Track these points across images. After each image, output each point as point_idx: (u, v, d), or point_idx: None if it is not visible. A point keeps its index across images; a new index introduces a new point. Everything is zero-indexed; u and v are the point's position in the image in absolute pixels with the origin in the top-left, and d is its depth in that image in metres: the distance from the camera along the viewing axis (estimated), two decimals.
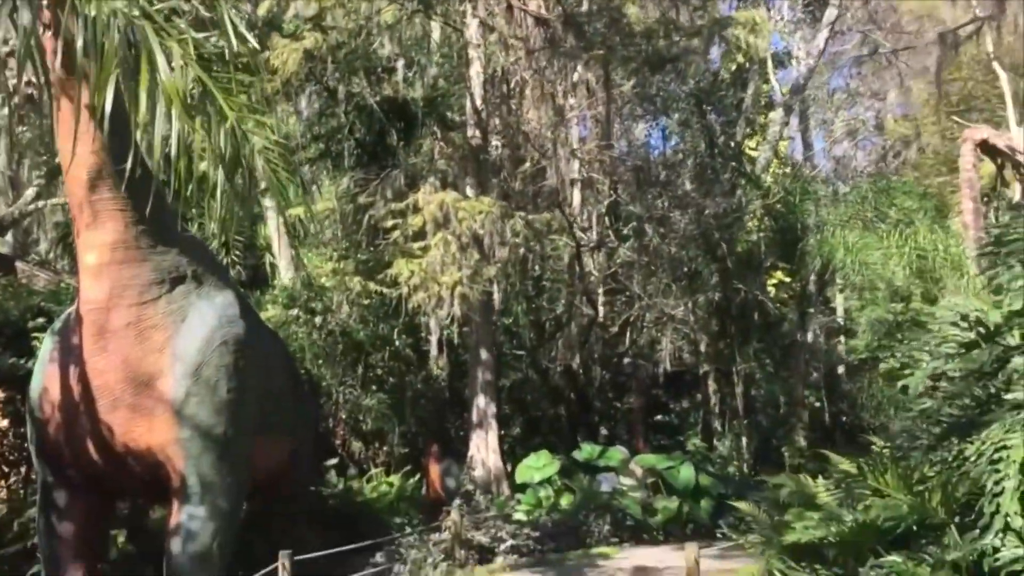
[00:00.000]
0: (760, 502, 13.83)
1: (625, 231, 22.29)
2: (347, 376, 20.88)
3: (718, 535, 12.73)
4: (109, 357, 11.34)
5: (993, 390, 9.46)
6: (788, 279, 27.99)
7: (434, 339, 16.40)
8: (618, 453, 18.69)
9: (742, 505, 11.55)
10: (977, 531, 7.54)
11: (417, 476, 20.77)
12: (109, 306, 11.31)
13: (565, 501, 17.02)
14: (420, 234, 16.03)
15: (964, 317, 8.61)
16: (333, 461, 19.55)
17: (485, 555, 14.78)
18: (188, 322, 12.12)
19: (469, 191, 17.14)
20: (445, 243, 15.31)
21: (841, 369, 27.93)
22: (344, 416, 21.50)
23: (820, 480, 13.04)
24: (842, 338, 30.59)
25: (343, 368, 20.47)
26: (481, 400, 18.14)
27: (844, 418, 24.97)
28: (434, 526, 15.40)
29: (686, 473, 17.81)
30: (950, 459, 8.50)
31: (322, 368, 20.51)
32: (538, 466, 17.73)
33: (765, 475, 24.48)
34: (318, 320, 21.08)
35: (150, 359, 11.83)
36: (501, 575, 13.82)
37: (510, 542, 14.99)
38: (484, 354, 18.12)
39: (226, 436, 11.77)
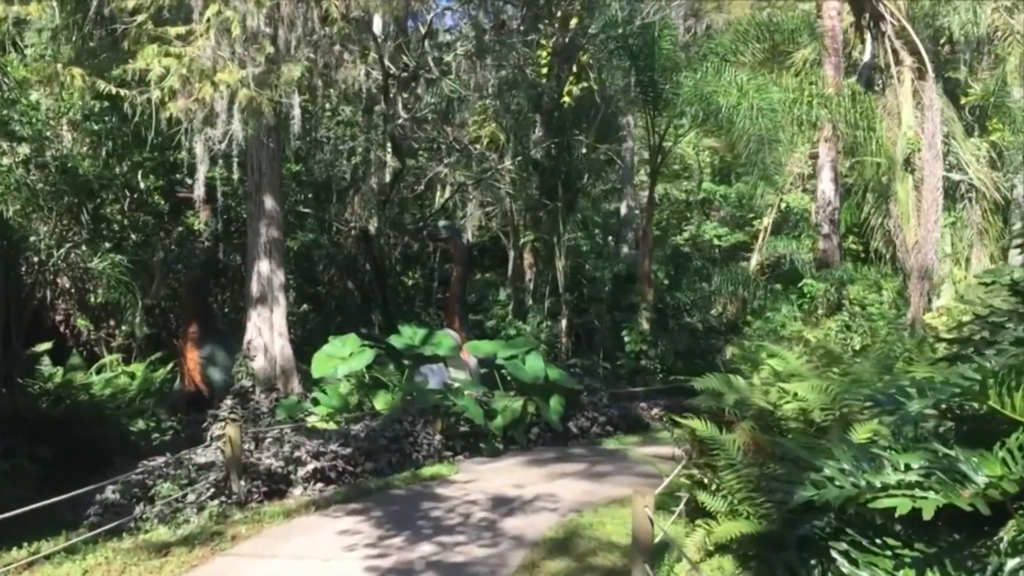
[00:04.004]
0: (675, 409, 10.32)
1: (448, 58, 17.55)
2: (68, 229, 15.12)
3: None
4: None
5: None
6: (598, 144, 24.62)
7: (200, 175, 11.15)
8: (448, 338, 14.54)
9: (696, 424, 7.70)
10: None
11: (169, 365, 15.67)
12: None
13: (380, 403, 12.73)
14: (180, 12, 10.64)
15: None
16: (46, 345, 14.08)
17: (276, 485, 10.27)
18: None
19: None
20: (221, 26, 10.05)
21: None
22: (66, 284, 15.80)
23: (771, 385, 9.51)
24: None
25: (61, 216, 14.69)
26: (264, 265, 13.21)
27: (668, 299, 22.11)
28: (201, 447, 10.60)
29: (533, 364, 14.04)
30: None
31: (30, 216, 14.62)
32: (342, 355, 13.24)
33: (581, 359, 21.61)
34: (25, 150, 15.04)
35: None
36: (303, 517, 9.41)
37: (311, 465, 10.54)
38: (270, 202, 13.09)
39: None
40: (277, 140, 12.77)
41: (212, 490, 9.66)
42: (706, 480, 8.13)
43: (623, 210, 29.65)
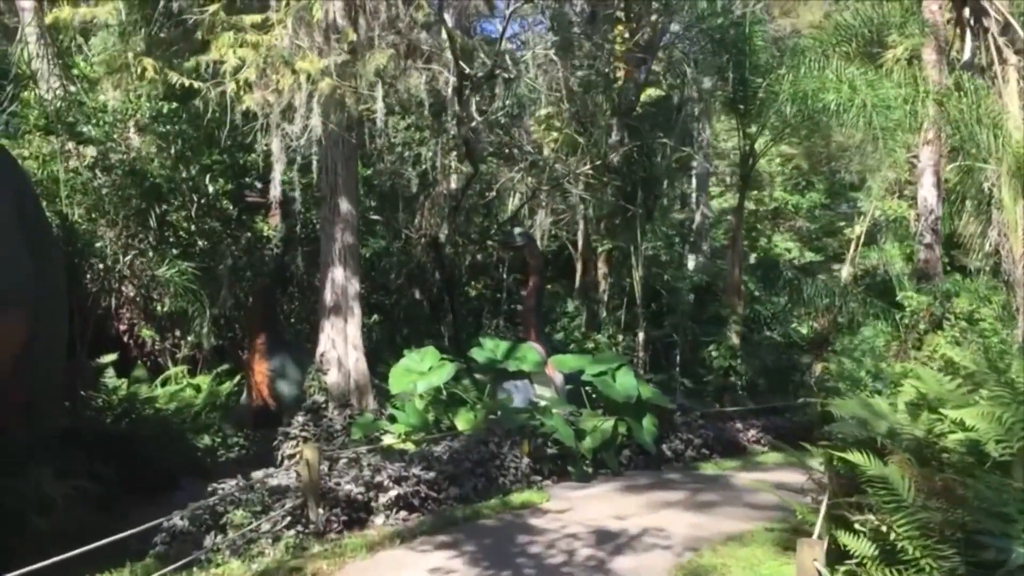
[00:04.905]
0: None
1: (526, 56, 16.60)
2: (134, 235, 14.50)
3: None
4: None
5: None
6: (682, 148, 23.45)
7: (277, 175, 10.35)
8: (532, 352, 13.60)
9: (858, 458, 6.55)
10: None
11: (235, 378, 14.95)
12: None
13: (461, 422, 11.81)
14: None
15: None
16: (111, 357, 13.42)
17: (356, 513, 9.37)
18: None
19: None
20: (300, 13, 9.25)
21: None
22: (131, 292, 15.16)
23: (919, 410, 8.31)
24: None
25: (127, 221, 14.06)
26: (339, 273, 12.40)
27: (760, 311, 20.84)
28: (273, 469, 9.76)
29: (625, 381, 13.01)
30: None
31: (96, 221, 14.02)
32: (420, 369, 12.35)
33: (657, 374, 20.51)
34: (92, 152, 14.46)
35: None
36: (387, 551, 8.49)
37: (394, 491, 9.63)
38: (345, 206, 12.28)
39: None
40: (359, 138, 11.98)
41: (288, 518, 8.80)
42: (856, 520, 7.03)
43: (697, 218, 28.50)
